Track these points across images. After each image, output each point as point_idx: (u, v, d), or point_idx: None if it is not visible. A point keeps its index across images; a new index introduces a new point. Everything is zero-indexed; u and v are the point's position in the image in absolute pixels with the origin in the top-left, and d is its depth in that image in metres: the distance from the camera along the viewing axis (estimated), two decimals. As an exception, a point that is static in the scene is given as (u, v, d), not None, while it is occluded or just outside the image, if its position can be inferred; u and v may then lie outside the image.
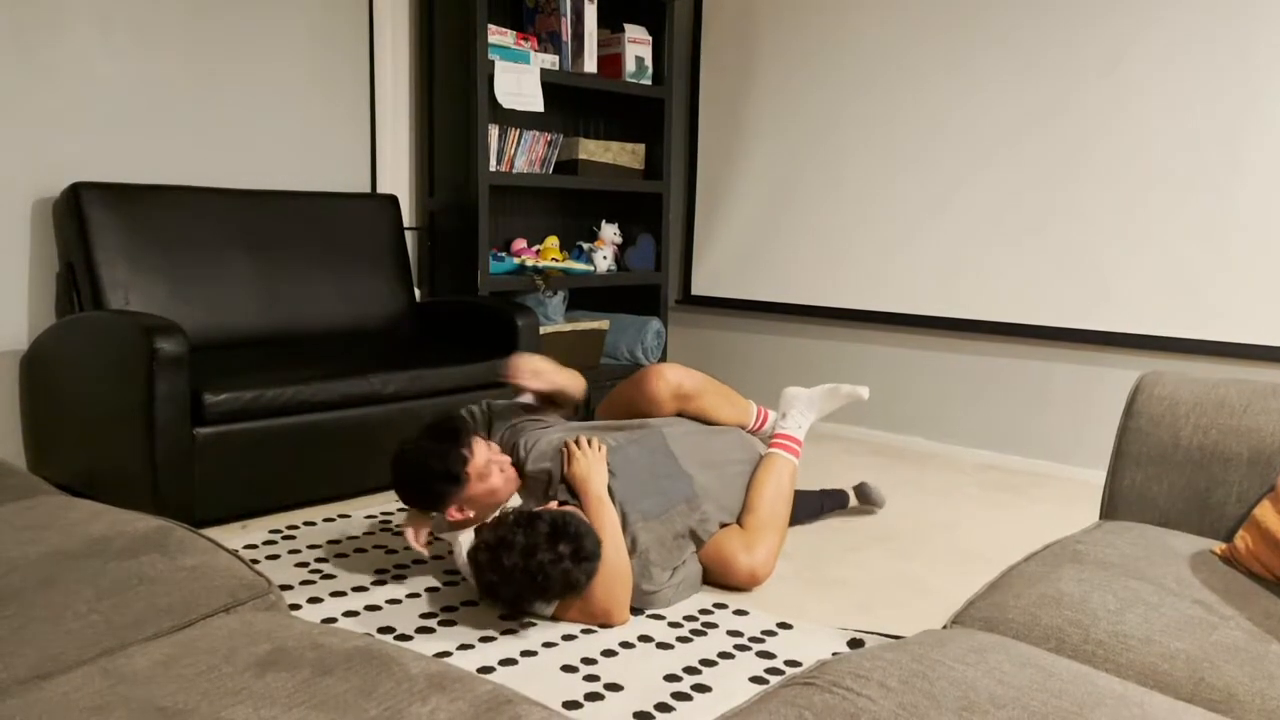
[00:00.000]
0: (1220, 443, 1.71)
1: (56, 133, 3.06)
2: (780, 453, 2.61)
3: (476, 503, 2.26)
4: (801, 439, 2.67)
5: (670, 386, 2.59)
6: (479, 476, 2.23)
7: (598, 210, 4.55)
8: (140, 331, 2.56)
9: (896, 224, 3.88)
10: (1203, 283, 3.24)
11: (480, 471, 2.23)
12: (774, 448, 2.63)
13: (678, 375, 2.61)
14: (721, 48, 4.36)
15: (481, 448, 2.26)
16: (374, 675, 1.03)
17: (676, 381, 2.60)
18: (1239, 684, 1.19)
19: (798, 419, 2.71)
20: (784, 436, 2.65)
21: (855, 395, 2.74)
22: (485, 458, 2.25)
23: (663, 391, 2.58)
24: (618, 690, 1.88)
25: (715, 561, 2.38)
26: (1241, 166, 3.15)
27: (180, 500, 2.62)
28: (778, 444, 2.63)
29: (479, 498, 2.25)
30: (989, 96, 3.62)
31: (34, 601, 1.18)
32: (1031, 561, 1.54)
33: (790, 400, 2.76)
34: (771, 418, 2.82)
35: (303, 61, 3.59)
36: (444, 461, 2.19)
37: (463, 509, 2.25)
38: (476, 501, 2.25)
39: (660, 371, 2.61)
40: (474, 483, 2.22)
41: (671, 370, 2.61)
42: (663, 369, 2.61)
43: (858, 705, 0.95)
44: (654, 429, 2.49)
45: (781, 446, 2.62)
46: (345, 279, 3.47)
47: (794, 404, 2.74)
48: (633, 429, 2.48)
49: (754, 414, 2.78)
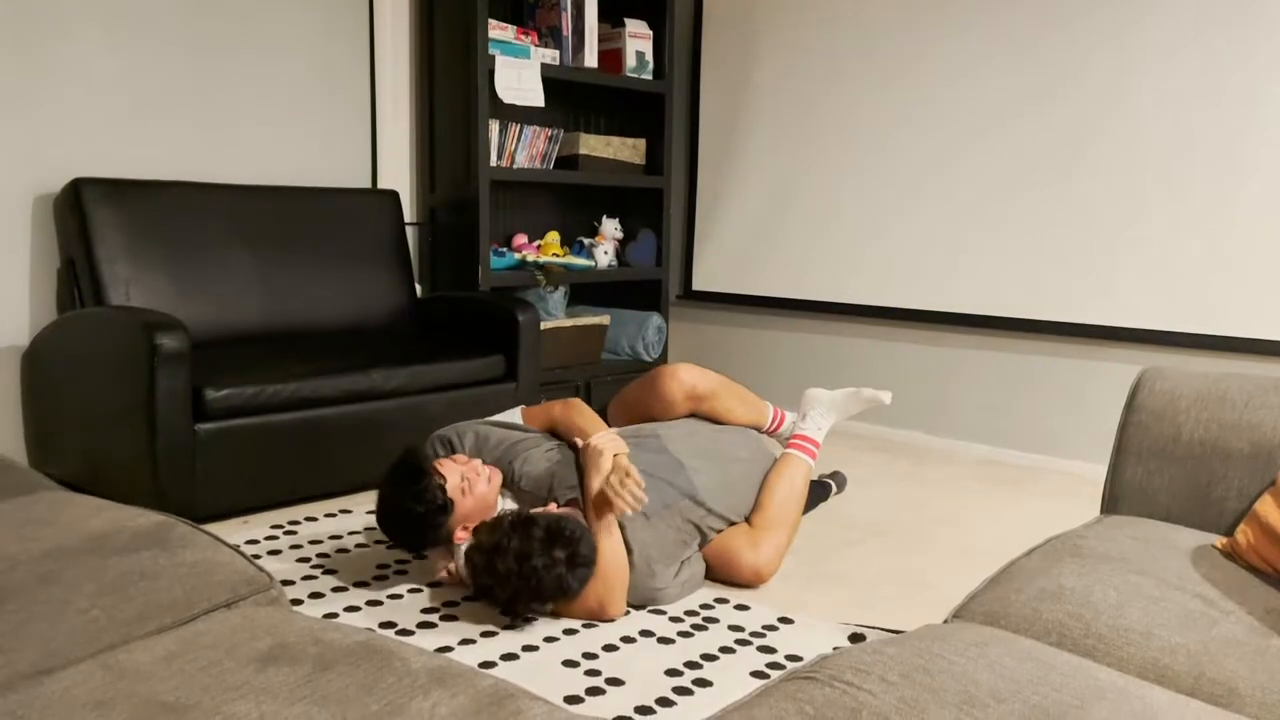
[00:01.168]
0: (1221, 437, 1.71)
1: (57, 128, 3.06)
2: (797, 453, 2.59)
3: (474, 516, 2.23)
4: (820, 441, 2.65)
5: (684, 387, 2.57)
6: (463, 493, 2.19)
7: (599, 205, 4.55)
8: (141, 327, 2.56)
9: (897, 217, 3.87)
10: (1204, 277, 3.24)
11: (461, 488, 2.19)
12: (791, 448, 2.61)
13: (692, 376, 2.59)
14: (722, 42, 4.35)
15: (450, 467, 2.22)
16: (375, 670, 1.03)
17: (691, 382, 2.58)
18: (1240, 678, 1.19)
19: (817, 420, 2.69)
20: (802, 438, 2.64)
21: (877, 399, 2.71)
22: (458, 473, 2.21)
23: (676, 392, 2.57)
24: (619, 685, 1.88)
25: (721, 558, 2.38)
26: (1243, 160, 3.14)
27: (182, 496, 2.62)
28: (795, 444, 2.62)
29: (474, 511, 2.22)
30: (990, 92, 3.61)
31: (35, 597, 1.18)
32: (1032, 556, 1.54)
33: (811, 401, 2.74)
34: (789, 419, 2.80)
35: (304, 57, 3.59)
36: (422, 499, 2.14)
37: (465, 526, 2.23)
38: (473, 515, 2.22)
39: (674, 372, 2.59)
40: (462, 500, 2.19)
41: (686, 371, 2.59)
42: (677, 369, 2.59)
43: (858, 699, 0.95)
44: (649, 432, 2.48)
45: (798, 447, 2.61)
46: (346, 274, 3.47)
47: (815, 405, 2.72)
48: (628, 432, 2.48)
49: (770, 415, 2.76)
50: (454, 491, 2.18)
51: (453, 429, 2.44)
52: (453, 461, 2.25)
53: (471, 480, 2.21)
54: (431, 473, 2.16)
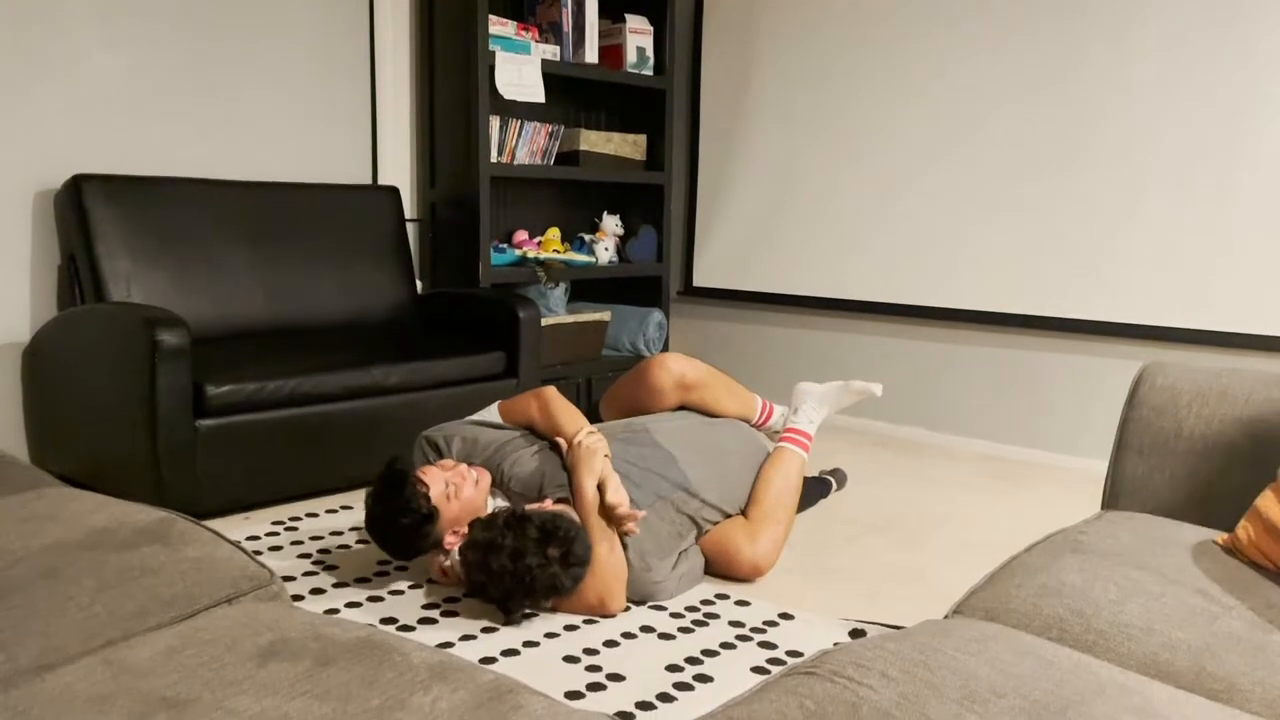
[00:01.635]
0: (1223, 433, 1.71)
1: (57, 125, 3.06)
2: (791, 447, 2.60)
3: (462, 519, 2.22)
4: (813, 434, 2.65)
5: (673, 376, 2.58)
6: (449, 499, 2.19)
7: (599, 201, 4.55)
8: (142, 324, 2.56)
9: (897, 214, 3.87)
10: (1205, 272, 3.23)
11: (446, 494, 2.19)
12: (784, 441, 2.62)
13: (680, 365, 2.59)
14: (723, 37, 4.35)
15: (434, 474, 2.21)
16: (376, 665, 1.03)
17: (679, 371, 2.58)
18: (1240, 673, 1.19)
19: (809, 414, 2.69)
20: (795, 431, 2.64)
21: (868, 391, 2.72)
22: (442, 480, 2.21)
23: (665, 381, 2.57)
24: (619, 680, 1.88)
25: (718, 552, 2.38)
26: (1246, 154, 3.14)
27: (183, 492, 2.62)
28: (788, 438, 2.62)
29: (461, 515, 2.22)
30: (990, 87, 3.60)
31: (37, 593, 1.19)
32: (1033, 551, 1.54)
33: (802, 395, 2.75)
34: (778, 412, 2.81)
35: (304, 52, 3.59)
36: (407, 509, 2.14)
37: (455, 531, 2.23)
38: (461, 518, 2.22)
39: (663, 361, 2.59)
40: (448, 506, 2.19)
41: (674, 360, 2.60)
42: (665, 359, 2.60)
43: (859, 695, 0.95)
44: (639, 426, 2.47)
45: (792, 441, 2.61)
46: (346, 271, 3.47)
47: (806, 399, 2.73)
48: (617, 428, 2.47)
49: (759, 407, 2.77)
50: (438, 499, 2.18)
51: (440, 431, 2.43)
52: (438, 468, 2.24)
53: (458, 485, 2.21)
54: (414, 483, 2.16)
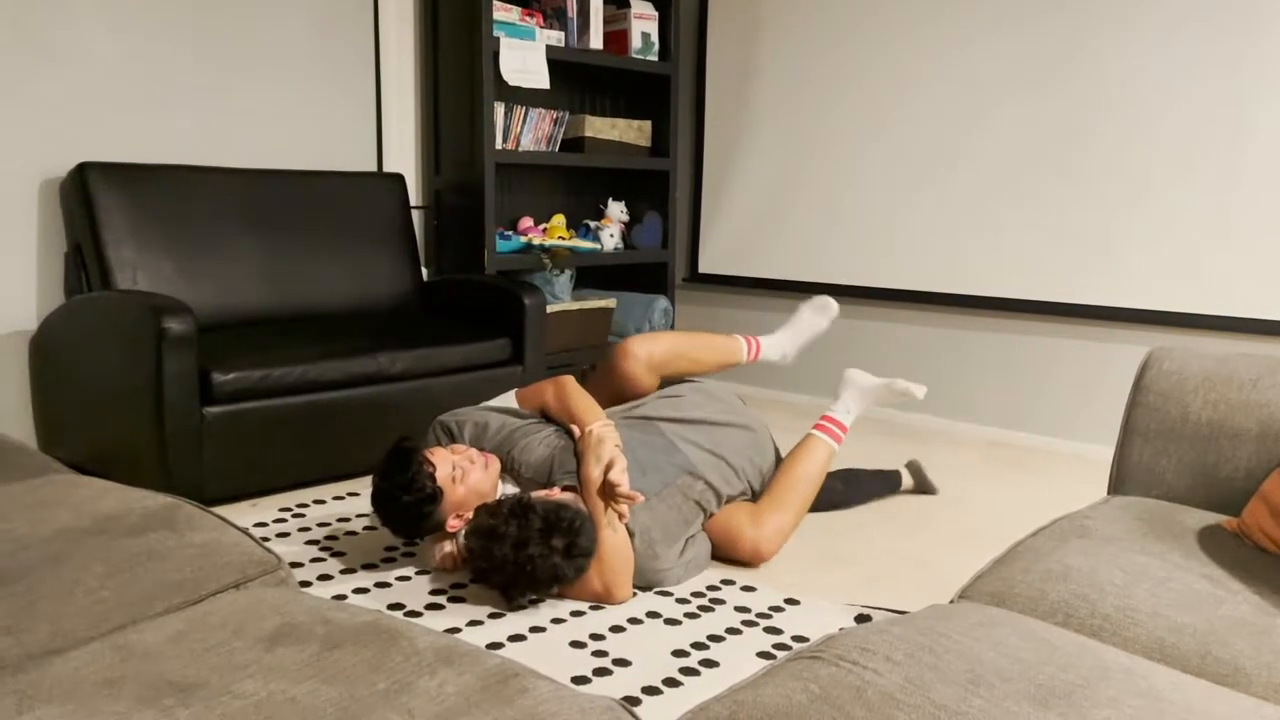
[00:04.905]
0: (1229, 417, 1.70)
1: (62, 113, 3.06)
2: (822, 436, 2.55)
3: (468, 503, 2.22)
4: (848, 425, 2.60)
5: (641, 361, 2.53)
6: (454, 481, 2.19)
7: (604, 188, 4.54)
8: (148, 311, 2.57)
9: (903, 200, 3.86)
10: (1212, 257, 3.22)
11: (452, 476, 2.19)
12: (818, 429, 2.57)
13: (644, 347, 2.53)
14: (728, 22, 4.33)
15: (441, 455, 2.21)
16: (383, 649, 1.03)
17: (645, 354, 2.53)
18: (1246, 657, 1.19)
19: (848, 404, 2.63)
20: (831, 420, 2.59)
21: (909, 393, 2.64)
22: (450, 462, 2.20)
23: (635, 369, 2.53)
24: (626, 666, 1.89)
25: (722, 533, 2.37)
26: (1252, 140, 3.12)
27: (190, 479, 2.63)
28: (822, 426, 2.58)
29: (467, 498, 2.21)
30: (997, 73, 3.59)
31: (45, 578, 1.19)
32: (1039, 536, 1.54)
33: (847, 383, 2.68)
34: (765, 346, 2.74)
35: (308, 40, 3.58)
36: (412, 488, 2.14)
37: (460, 514, 2.23)
38: (467, 502, 2.22)
39: (626, 350, 2.53)
40: (453, 488, 2.18)
41: (636, 344, 2.54)
42: (627, 346, 2.54)
43: (864, 678, 0.95)
44: (640, 415, 2.46)
45: (825, 430, 2.57)
46: (352, 258, 3.47)
47: (849, 388, 2.66)
48: (623, 412, 2.47)
49: (745, 347, 2.70)
50: (444, 480, 2.17)
51: (453, 416, 2.44)
52: (447, 450, 2.24)
53: (465, 469, 2.21)
54: (421, 462, 2.16)
